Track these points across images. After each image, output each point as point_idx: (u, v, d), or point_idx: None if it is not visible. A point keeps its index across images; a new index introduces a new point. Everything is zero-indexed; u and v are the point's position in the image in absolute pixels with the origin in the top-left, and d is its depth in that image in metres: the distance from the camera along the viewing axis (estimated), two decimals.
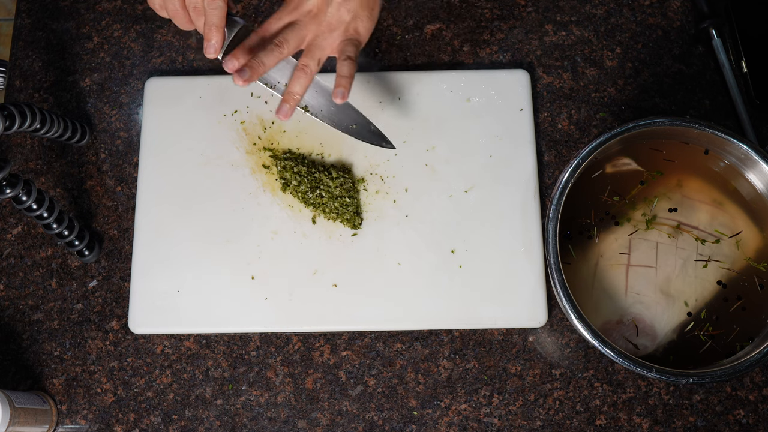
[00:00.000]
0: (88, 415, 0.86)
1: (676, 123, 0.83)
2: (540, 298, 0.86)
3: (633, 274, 0.84)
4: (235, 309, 0.87)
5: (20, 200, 0.80)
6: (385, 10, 0.99)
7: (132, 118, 0.96)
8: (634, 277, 0.84)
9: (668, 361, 0.81)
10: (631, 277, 0.84)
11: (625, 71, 0.96)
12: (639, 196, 0.86)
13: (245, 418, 0.86)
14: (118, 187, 0.93)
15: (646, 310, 0.83)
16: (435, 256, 0.88)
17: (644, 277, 0.84)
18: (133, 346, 0.88)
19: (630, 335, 0.82)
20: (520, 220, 0.89)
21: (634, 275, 0.84)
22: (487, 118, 0.93)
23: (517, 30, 0.98)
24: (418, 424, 0.85)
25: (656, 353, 0.82)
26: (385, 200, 0.90)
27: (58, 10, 1.00)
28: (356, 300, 0.87)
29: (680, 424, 0.85)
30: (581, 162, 0.82)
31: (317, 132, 0.93)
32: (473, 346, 0.87)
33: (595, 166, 0.85)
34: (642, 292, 0.84)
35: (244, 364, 0.87)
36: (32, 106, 0.80)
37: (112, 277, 0.90)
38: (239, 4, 1.00)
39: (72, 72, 0.98)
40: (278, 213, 0.90)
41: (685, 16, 0.98)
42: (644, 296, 0.83)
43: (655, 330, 0.83)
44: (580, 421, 0.85)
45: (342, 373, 0.87)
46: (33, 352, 0.88)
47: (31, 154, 0.95)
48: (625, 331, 0.82)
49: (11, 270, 0.91)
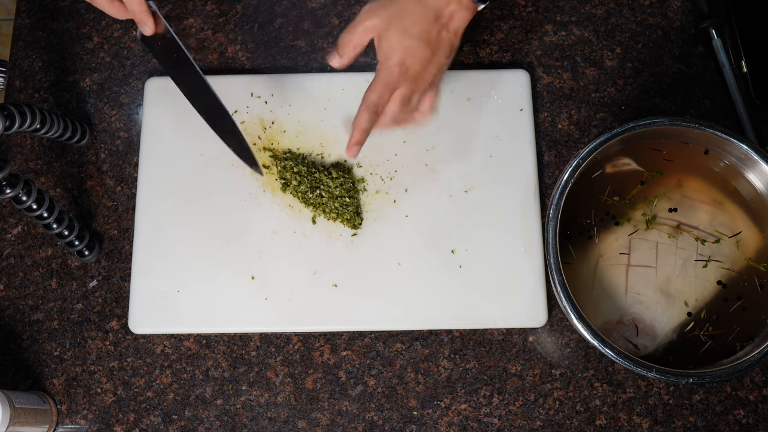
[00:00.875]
0: (88, 415, 0.86)
1: (676, 123, 0.83)
2: (540, 298, 0.86)
3: (633, 274, 0.84)
4: (235, 309, 0.87)
5: (20, 200, 0.80)
6: None
7: (132, 118, 0.96)
8: (634, 277, 0.84)
9: (668, 361, 0.81)
10: (631, 277, 0.84)
11: (625, 71, 0.96)
12: (639, 196, 0.86)
13: (245, 418, 0.86)
14: (118, 187, 0.93)
15: (646, 310, 0.83)
16: (435, 256, 0.88)
17: (644, 277, 0.84)
18: (133, 346, 0.88)
19: (630, 335, 0.82)
20: (520, 220, 0.89)
21: (634, 275, 0.84)
22: (487, 118, 0.93)
23: (517, 30, 0.98)
24: (418, 424, 0.85)
25: (656, 353, 0.82)
26: (385, 200, 0.90)
27: (58, 10, 1.00)
28: (356, 300, 0.87)
29: (680, 424, 0.85)
30: (581, 162, 0.82)
31: (317, 132, 0.93)
32: (473, 346, 0.87)
33: (595, 166, 0.85)
34: (642, 292, 0.84)
35: (244, 364, 0.87)
36: (32, 106, 0.80)
37: (112, 277, 0.90)
38: (239, 5, 1.00)
39: (72, 72, 0.98)
40: (278, 213, 0.90)
41: (685, 16, 0.98)
42: (644, 296, 0.83)
43: (655, 330, 0.83)
44: (580, 421, 0.85)
45: (342, 373, 0.87)
46: (33, 352, 0.88)
47: (31, 154, 0.95)
48: (625, 331, 0.82)
49: (11, 270, 0.91)
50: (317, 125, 0.93)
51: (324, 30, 0.99)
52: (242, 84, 0.94)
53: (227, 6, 1.00)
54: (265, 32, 0.99)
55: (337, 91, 0.94)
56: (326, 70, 0.97)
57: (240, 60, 0.98)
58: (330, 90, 0.94)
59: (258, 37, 0.99)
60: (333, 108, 0.93)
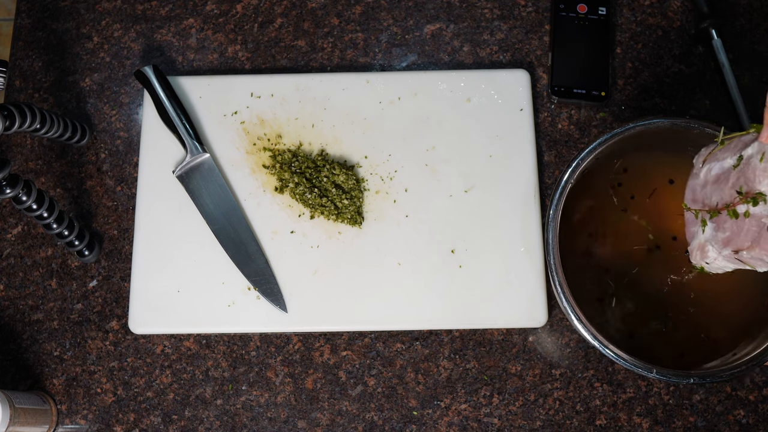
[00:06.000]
0: (88, 415, 0.86)
1: (676, 123, 0.83)
2: (540, 298, 0.86)
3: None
4: (235, 309, 0.87)
5: (20, 200, 0.80)
6: (384, 10, 0.99)
7: (132, 118, 0.96)
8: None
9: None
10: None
11: (625, 71, 0.96)
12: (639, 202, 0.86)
13: (245, 418, 0.86)
14: (118, 187, 0.93)
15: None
16: (435, 256, 0.88)
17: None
18: (133, 346, 0.88)
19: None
20: (520, 220, 0.89)
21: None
22: (487, 118, 0.93)
23: (517, 30, 0.98)
24: (418, 424, 0.85)
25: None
26: (385, 200, 0.90)
27: (58, 10, 1.00)
28: (356, 300, 0.87)
29: (680, 424, 0.85)
30: (581, 162, 0.82)
31: (317, 132, 0.93)
32: (473, 346, 0.87)
33: (596, 165, 0.85)
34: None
35: (244, 364, 0.87)
36: (32, 106, 0.80)
37: (112, 277, 0.90)
38: (239, 5, 1.00)
39: (72, 72, 0.98)
40: (278, 213, 0.90)
41: (685, 16, 0.98)
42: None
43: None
44: (580, 421, 0.85)
45: (342, 373, 0.87)
46: (33, 352, 0.88)
47: (31, 154, 0.95)
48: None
49: (11, 270, 0.91)
50: (317, 125, 0.93)
51: (324, 30, 0.99)
52: (242, 84, 0.94)
53: (227, 6, 1.00)
54: (265, 32, 0.99)
55: (337, 91, 0.94)
56: (326, 70, 0.97)
57: (240, 60, 0.98)
58: (330, 90, 0.94)
59: (258, 37, 0.99)
60: (333, 108, 0.93)
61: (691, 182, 0.75)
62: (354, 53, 0.98)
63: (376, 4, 1.00)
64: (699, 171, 0.74)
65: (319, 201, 0.88)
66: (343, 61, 0.98)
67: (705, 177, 0.72)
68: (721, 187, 0.69)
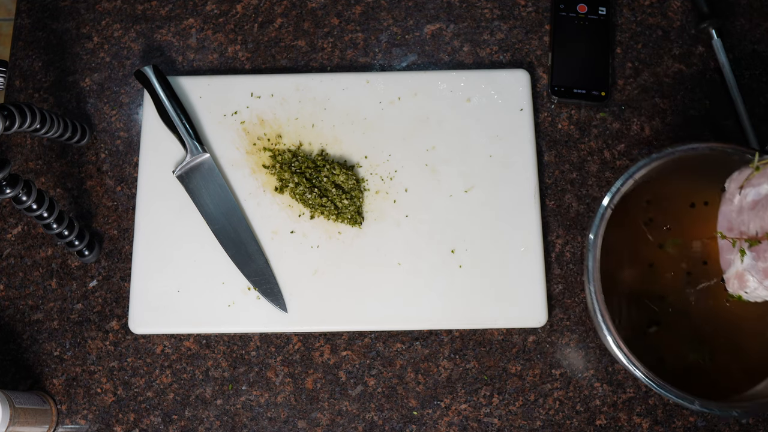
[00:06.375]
0: (88, 415, 0.86)
1: (714, 148, 0.76)
2: (540, 298, 0.86)
3: None
4: (235, 309, 0.87)
5: (20, 200, 0.80)
6: (384, 10, 0.99)
7: (132, 118, 0.96)
8: None
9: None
10: None
11: (625, 71, 0.96)
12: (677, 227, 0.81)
13: (245, 418, 0.86)
14: (118, 187, 0.93)
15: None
16: (435, 256, 0.88)
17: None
18: (133, 346, 0.88)
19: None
20: (520, 220, 0.89)
21: None
22: (487, 118, 0.93)
23: (517, 30, 0.98)
24: (418, 424, 0.85)
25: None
26: (385, 200, 0.90)
27: (58, 10, 1.00)
28: (356, 300, 0.87)
29: (680, 424, 0.85)
30: (621, 187, 0.76)
31: (317, 132, 0.93)
32: (473, 346, 0.87)
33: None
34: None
35: (244, 364, 0.87)
36: (32, 106, 0.80)
37: (112, 277, 0.90)
38: (239, 5, 1.00)
39: (72, 72, 0.98)
40: (278, 213, 0.90)
41: (685, 16, 0.98)
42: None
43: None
44: (580, 421, 0.85)
45: (342, 373, 0.87)
46: (33, 352, 0.88)
47: (31, 154, 0.95)
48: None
49: (11, 270, 0.91)
50: (317, 125, 0.93)
51: (324, 30, 0.99)
52: (242, 84, 0.94)
53: (227, 6, 1.00)
54: (265, 32, 0.99)
55: (337, 91, 0.94)
56: (326, 70, 0.97)
57: (240, 60, 0.98)
58: (330, 90, 0.94)
59: (258, 37, 0.99)
60: (333, 108, 0.93)
61: (724, 209, 0.73)
62: (354, 53, 0.98)
63: (376, 4, 1.00)
64: (733, 197, 0.71)
65: (319, 201, 0.88)
66: (343, 61, 0.98)
67: (740, 203, 0.70)
68: (760, 215, 0.67)
